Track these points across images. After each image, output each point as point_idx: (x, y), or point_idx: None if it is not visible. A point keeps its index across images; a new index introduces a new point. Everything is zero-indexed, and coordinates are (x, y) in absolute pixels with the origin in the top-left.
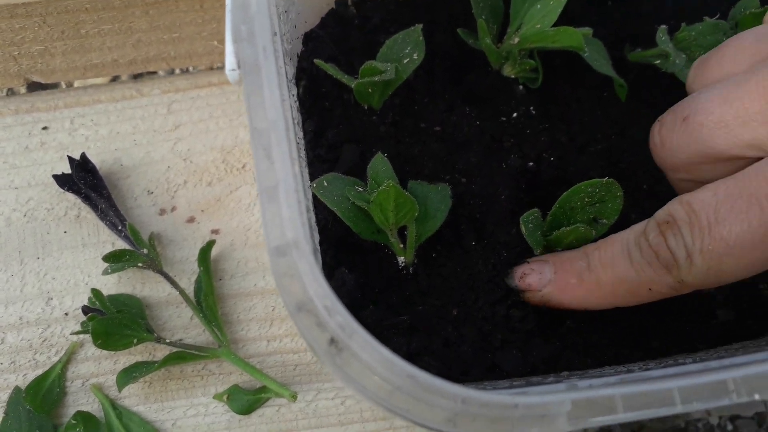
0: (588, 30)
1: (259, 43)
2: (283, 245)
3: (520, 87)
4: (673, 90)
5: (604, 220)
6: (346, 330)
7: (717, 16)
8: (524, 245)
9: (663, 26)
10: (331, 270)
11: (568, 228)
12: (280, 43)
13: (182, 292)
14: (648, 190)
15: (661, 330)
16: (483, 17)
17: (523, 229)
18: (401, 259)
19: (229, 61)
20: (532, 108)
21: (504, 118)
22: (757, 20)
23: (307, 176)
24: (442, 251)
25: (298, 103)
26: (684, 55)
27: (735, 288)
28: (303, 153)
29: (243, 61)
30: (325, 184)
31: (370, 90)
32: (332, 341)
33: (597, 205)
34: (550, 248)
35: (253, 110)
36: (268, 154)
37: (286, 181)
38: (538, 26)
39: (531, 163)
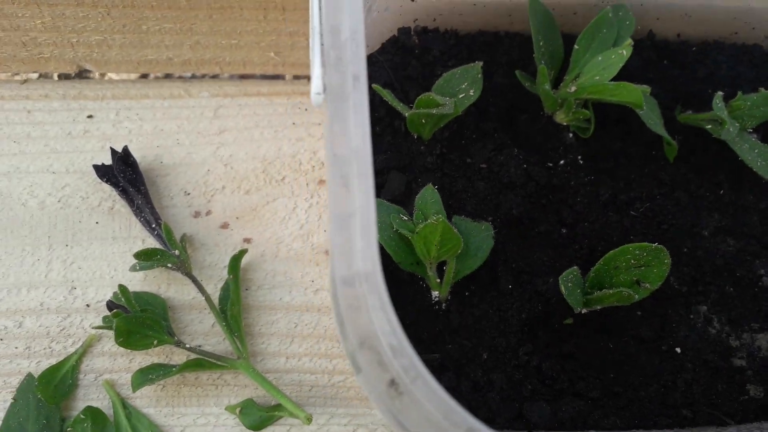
0: (646, 88)
1: (349, 70)
2: (351, 276)
3: (570, 135)
4: (722, 157)
5: (648, 285)
6: (410, 373)
7: None
8: (559, 297)
9: (720, 92)
10: None
11: (610, 291)
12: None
13: (208, 298)
14: (688, 254)
15: (691, 399)
16: (543, 62)
17: (562, 288)
18: (435, 293)
19: (315, 84)
20: (579, 157)
21: (551, 164)
22: None
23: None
24: (477, 291)
25: None
26: (738, 124)
27: (765, 366)
28: None
29: (330, 87)
30: None
31: (423, 121)
32: (392, 383)
33: (642, 268)
34: (589, 306)
35: (335, 137)
36: (345, 182)
37: (363, 212)
38: (597, 78)
39: (571, 220)
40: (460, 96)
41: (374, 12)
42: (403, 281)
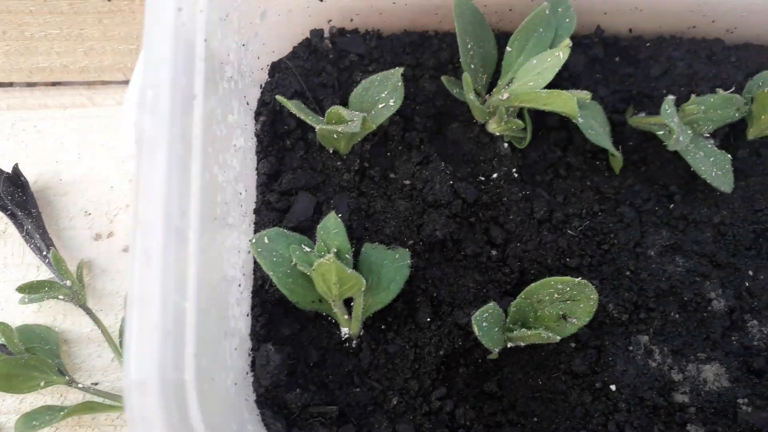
0: (586, 94)
1: (166, 120)
2: (142, 381)
3: (506, 145)
4: (675, 164)
5: (574, 320)
6: None
7: (732, 89)
8: None
9: (670, 97)
10: (258, 343)
11: (529, 332)
12: (201, 112)
13: (104, 331)
14: (630, 277)
15: None
16: (472, 66)
17: (475, 329)
18: (345, 330)
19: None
20: (514, 170)
21: (482, 178)
22: None
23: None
24: (393, 324)
25: (256, 140)
26: (690, 131)
27: (711, 401)
28: (248, 208)
29: (140, 137)
30: (266, 240)
31: (335, 136)
32: None
33: (568, 302)
34: (512, 341)
35: (140, 197)
36: (147, 258)
37: (164, 299)
38: (531, 84)
39: (502, 240)
40: (380, 106)
41: (272, 16)
42: (308, 317)
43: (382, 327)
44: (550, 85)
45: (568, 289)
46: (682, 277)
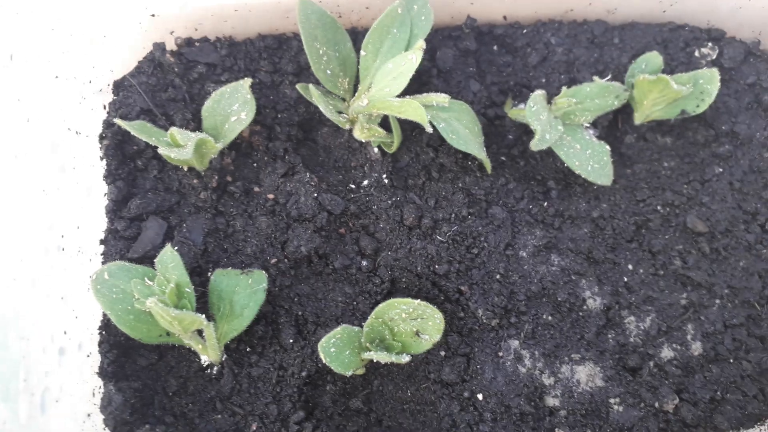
0: (444, 98)
1: None
2: None
3: (375, 150)
4: (553, 159)
5: (427, 336)
6: None
7: (608, 77)
8: None
9: (538, 92)
10: (107, 381)
11: (381, 354)
12: None
13: None
14: (501, 281)
15: None
16: (328, 72)
17: (322, 356)
18: (205, 357)
19: None
20: (385, 176)
21: (353, 186)
22: (653, 88)
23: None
24: (257, 347)
25: (104, 162)
26: (561, 127)
27: (583, 403)
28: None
29: None
30: (106, 276)
31: (180, 158)
32: None
33: (419, 320)
34: (365, 362)
35: None
36: None
37: None
38: (387, 90)
39: (372, 251)
40: (233, 119)
41: (98, 38)
42: (165, 346)
43: (247, 350)
44: (417, 85)
45: (411, 309)
46: (556, 277)
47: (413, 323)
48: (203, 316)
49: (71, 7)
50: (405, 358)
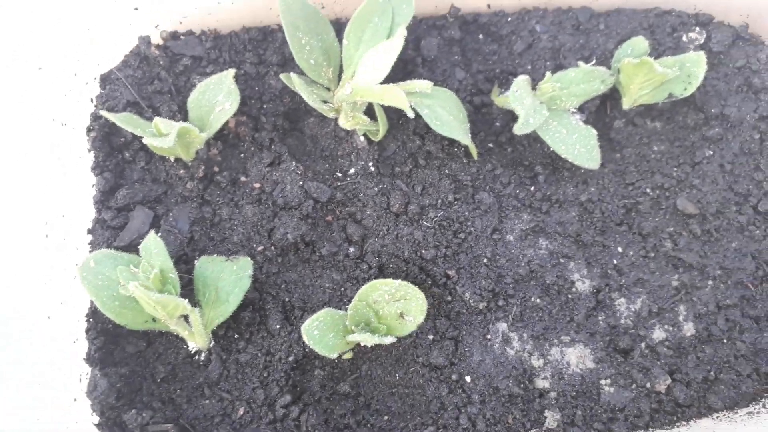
0: (426, 84)
1: None
2: None
3: (362, 138)
4: (541, 144)
5: (411, 317)
6: None
7: (593, 62)
8: None
9: (521, 78)
10: (93, 367)
11: (364, 335)
12: None
13: None
14: (488, 264)
15: None
16: (312, 61)
17: (305, 338)
18: (192, 344)
19: None
20: (371, 164)
21: (339, 174)
22: (638, 72)
23: None
24: (245, 333)
25: (92, 154)
26: (545, 111)
27: (573, 384)
28: None
29: None
30: (92, 264)
31: (166, 147)
32: None
33: (402, 301)
34: (351, 346)
35: None
36: None
37: None
38: (369, 78)
39: (359, 237)
40: (217, 110)
41: (80, 30)
42: (153, 333)
43: (234, 336)
44: (402, 74)
45: (393, 290)
46: (544, 260)
47: (397, 305)
48: (186, 300)
49: (55, 1)
50: (389, 339)
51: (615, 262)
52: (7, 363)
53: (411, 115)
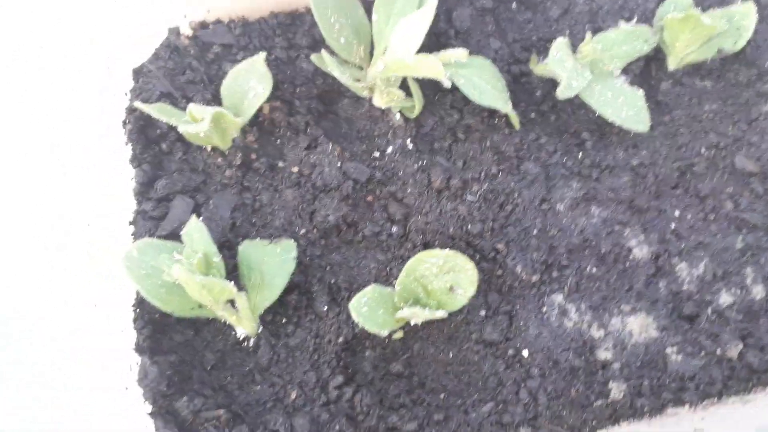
0: (462, 52)
1: None
2: None
3: (397, 116)
4: (586, 111)
5: (461, 290)
6: None
7: (635, 20)
8: None
9: (560, 39)
10: (143, 355)
11: (414, 309)
12: None
13: None
14: (538, 235)
15: (534, 413)
16: (342, 40)
17: (354, 315)
18: (241, 330)
19: None
20: (409, 141)
21: (377, 154)
22: (684, 27)
23: None
24: (293, 317)
25: (129, 146)
26: (588, 73)
27: (638, 354)
28: None
29: None
30: (136, 254)
31: (202, 135)
32: None
33: (451, 273)
34: (401, 323)
35: None
36: None
37: None
38: (402, 51)
39: (401, 216)
40: (251, 95)
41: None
42: (200, 321)
43: (282, 321)
44: (435, 48)
45: (441, 262)
46: (597, 228)
47: (445, 278)
48: (232, 283)
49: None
50: (440, 314)
51: (673, 226)
52: (58, 352)
53: (448, 84)
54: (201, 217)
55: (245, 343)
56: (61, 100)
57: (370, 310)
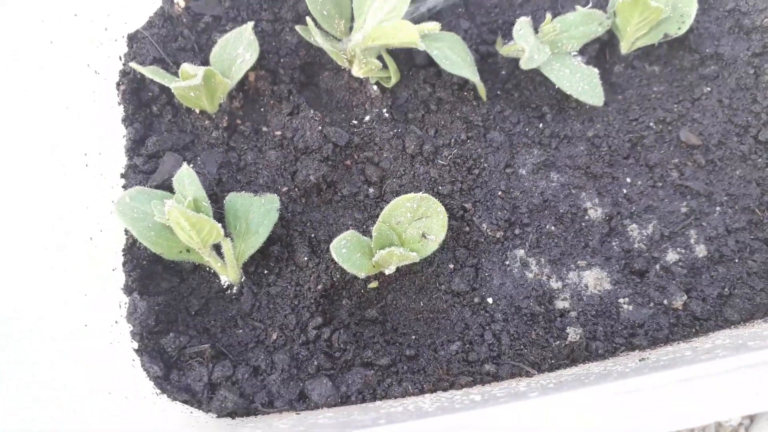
0: (434, 25)
1: None
2: None
3: (374, 87)
4: (547, 86)
5: (432, 236)
6: None
7: (590, 5)
8: None
9: (523, 18)
10: (132, 293)
11: (388, 250)
12: None
13: None
14: (503, 196)
15: (497, 352)
16: (324, 12)
17: (334, 255)
18: (224, 278)
19: None
20: (385, 110)
21: (355, 122)
22: (633, 11)
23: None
24: (275, 268)
25: (122, 107)
26: (548, 50)
27: (593, 304)
28: None
29: None
30: (128, 200)
31: (192, 94)
32: None
33: (423, 220)
34: (377, 268)
35: None
36: None
37: None
38: (385, 23)
39: (377, 178)
40: (239, 62)
41: None
42: (187, 270)
43: (264, 272)
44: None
45: (416, 206)
46: (556, 191)
47: (418, 224)
48: (220, 225)
49: None
50: (414, 255)
51: (625, 191)
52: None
53: (434, 52)
54: None
55: (229, 291)
56: (58, 101)
57: (349, 252)
